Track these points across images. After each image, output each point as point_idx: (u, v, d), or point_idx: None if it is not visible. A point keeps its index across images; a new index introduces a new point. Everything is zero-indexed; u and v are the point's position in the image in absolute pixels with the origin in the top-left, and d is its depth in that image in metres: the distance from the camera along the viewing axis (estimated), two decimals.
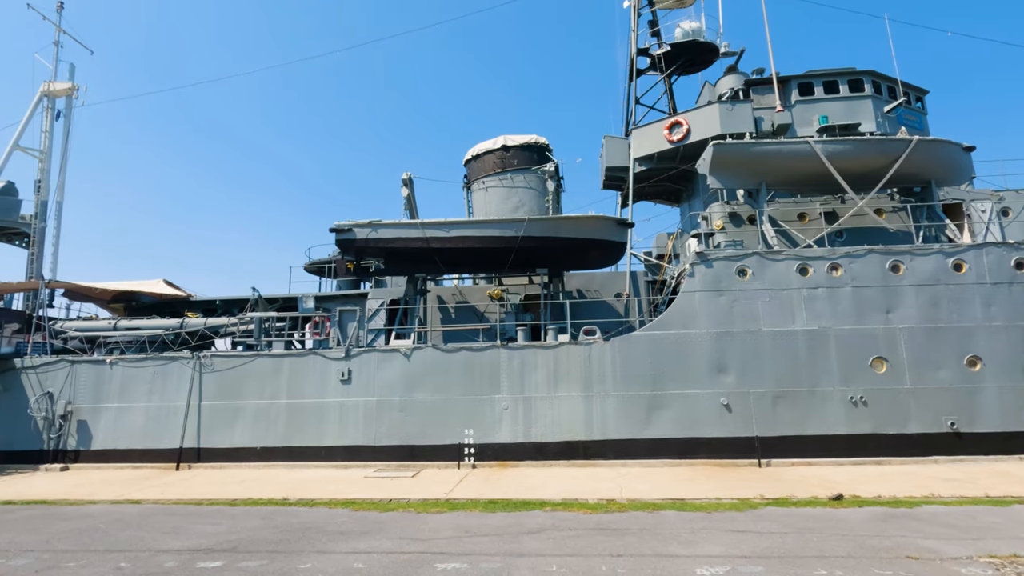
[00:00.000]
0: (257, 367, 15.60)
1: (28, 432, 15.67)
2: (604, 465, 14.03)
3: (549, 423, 14.57)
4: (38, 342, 16.78)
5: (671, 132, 19.96)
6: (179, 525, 8.65)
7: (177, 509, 10.05)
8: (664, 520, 8.53)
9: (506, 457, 14.45)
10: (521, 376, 14.92)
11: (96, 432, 15.60)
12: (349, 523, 8.60)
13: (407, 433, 14.79)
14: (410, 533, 7.86)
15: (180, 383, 15.68)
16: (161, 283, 20.84)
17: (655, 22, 23.92)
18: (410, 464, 14.47)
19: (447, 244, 15.84)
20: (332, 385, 15.30)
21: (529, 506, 9.78)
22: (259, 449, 15.06)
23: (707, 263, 15.14)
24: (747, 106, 19.08)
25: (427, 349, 15.30)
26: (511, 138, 22.05)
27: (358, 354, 15.44)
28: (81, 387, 15.91)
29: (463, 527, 8.19)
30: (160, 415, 15.54)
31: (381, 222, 16.27)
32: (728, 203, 18.01)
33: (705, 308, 14.89)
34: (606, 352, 14.83)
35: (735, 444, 14.09)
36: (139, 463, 15.20)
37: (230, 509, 9.99)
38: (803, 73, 20.10)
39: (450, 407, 14.86)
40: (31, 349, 16.70)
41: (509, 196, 21.45)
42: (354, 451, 14.83)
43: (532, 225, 15.62)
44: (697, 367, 14.58)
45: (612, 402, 14.54)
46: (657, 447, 14.23)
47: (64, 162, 25.53)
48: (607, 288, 18.99)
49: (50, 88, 25.63)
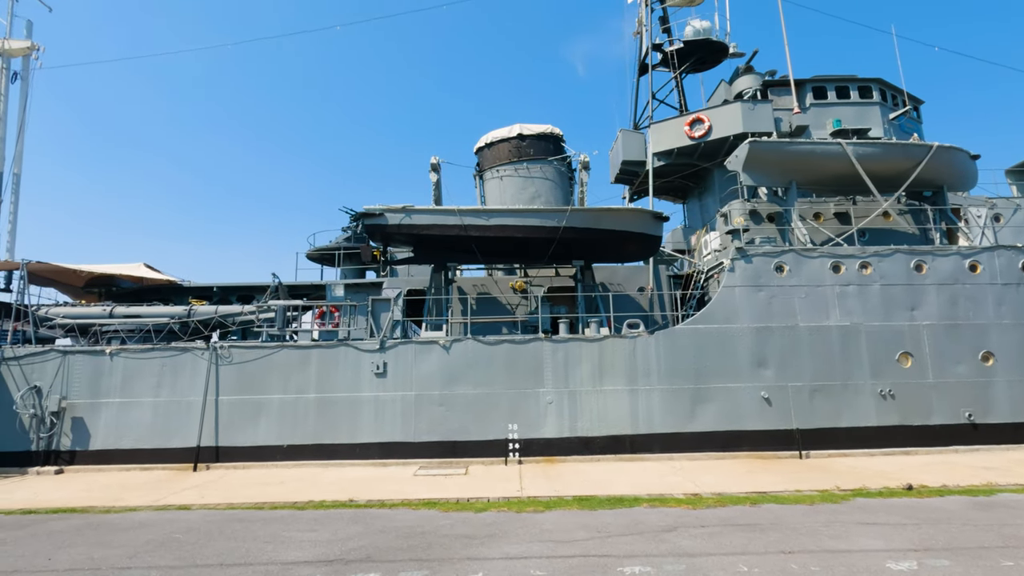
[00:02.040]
0: (282, 359, 14.48)
1: (12, 431, 13.88)
2: (652, 459, 13.97)
3: (595, 417, 14.35)
4: (19, 330, 14.90)
5: (692, 128, 20.13)
6: (270, 533, 7.80)
7: (244, 515, 9.10)
8: (778, 514, 8.48)
9: (552, 452, 14.12)
10: (565, 369, 14.60)
11: (95, 431, 14.03)
12: (459, 526, 8.04)
13: (448, 429, 14.17)
14: (543, 535, 7.41)
15: (194, 376, 14.33)
16: (142, 267, 19.06)
17: (666, 19, 24.05)
18: (453, 461, 13.87)
19: (486, 232, 15.26)
20: (366, 378, 14.43)
21: (623, 503, 9.52)
22: (286, 447, 14.01)
23: (747, 259, 15.33)
24: (768, 106, 19.50)
25: (467, 341, 14.70)
26: (527, 127, 21.58)
27: (393, 346, 14.64)
28: (75, 380, 14.25)
29: (589, 526, 7.82)
30: (171, 411, 14.16)
31: (414, 207, 15.48)
32: (749, 200, 18.34)
33: (745, 303, 15.09)
34: (650, 346, 14.75)
35: (775, 437, 14.38)
36: (147, 464, 13.78)
37: (303, 513, 9.16)
38: (812, 77, 20.75)
39: (493, 401, 14.36)
40: (11, 338, 14.81)
41: (525, 186, 21.01)
42: (391, 448, 14.06)
43: (574, 216, 15.30)
44: (738, 361, 14.76)
45: (657, 396, 14.49)
46: (701, 440, 14.30)
47: (22, 130, 22.92)
48: (630, 282, 18.93)
49: (5, 46, 22.89)
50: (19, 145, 22.73)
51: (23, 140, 22.82)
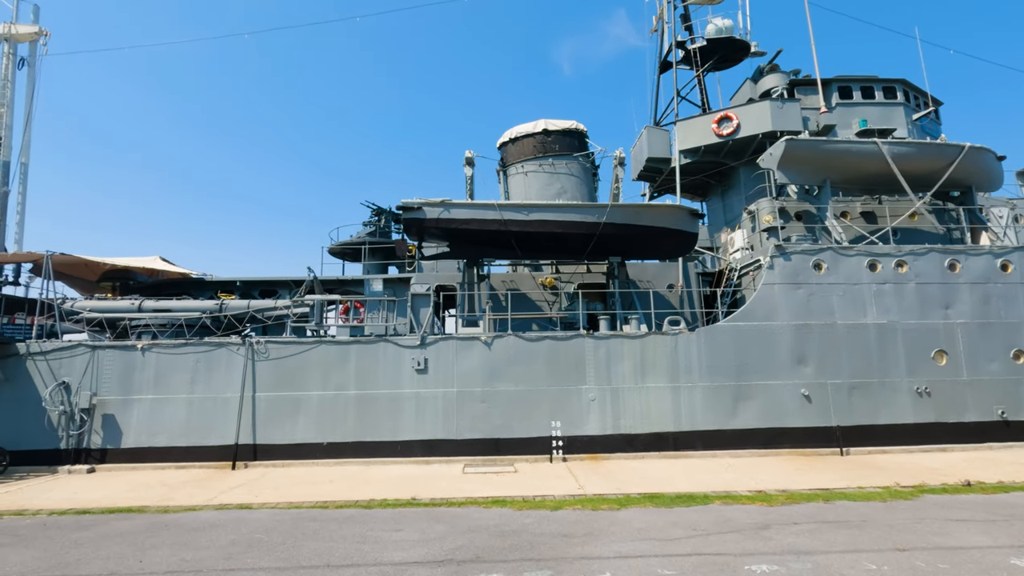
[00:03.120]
0: (320, 355, 14.17)
1: (41, 429, 13.40)
2: (696, 456, 13.93)
3: (638, 414, 14.27)
4: (40, 325, 14.38)
5: (720, 126, 20.13)
6: (355, 533, 7.57)
7: (314, 514, 8.84)
8: (859, 511, 8.46)
9: (595, 450, 14.01)
10: (607, 366, 14.50)
11: (127, 428, 13.60)
12: (546, 524, 7.89)
13: (491, 426, 13.99)
14: (641, 534, 7.28)
15: (229, 372, 13.96)
16: (158, 260, 18.58)
17: (687, 17, 24.02)
18: (497, 459, 13.69)
19: (526, 227, 15.08)
20: (407, 375, 14.18)
21: (695, 500, 9.44)
22: (326, 445, 13.71)
23: (785, 256, 15.35)
24: (796, 105, 19.57)
25: (508, 337, 14.52)
26: (552, 122, 21.41)
27: (434, 342, 14.40)
28: (106, 376, 13.80)
29: (680, 524, 7.72)
30: (206, 408, 13.78)
31: (453, 201, 15.24)
32: (777, 198, 18.39)
33: (784, 300, 15.12)
34: (691, 343, 14.71)
35: (816, 434, 14.43)
36: (182, 462, 13.40)
37: (375, 512, 8.92)
38: (837, 77, 20.88)
39: (535, 398, 14.21)
40: (36, 332, 14.29)
41: (551, 182, 20.84)
42: (433, 445, 13.84)
43: (614, 211, 15.18)
44: (779, 358, 14.79)
45: (699, 393, 14.46)
46: (743, 437, 14.31)
47: (29, 118, 22.21)
48: (659, 279, 18.88)
49: (12, 31, 22.14)
50: (26, 134, 22.02)
51: (31, 129, 22.11)
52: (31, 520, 8.76)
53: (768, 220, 17.91)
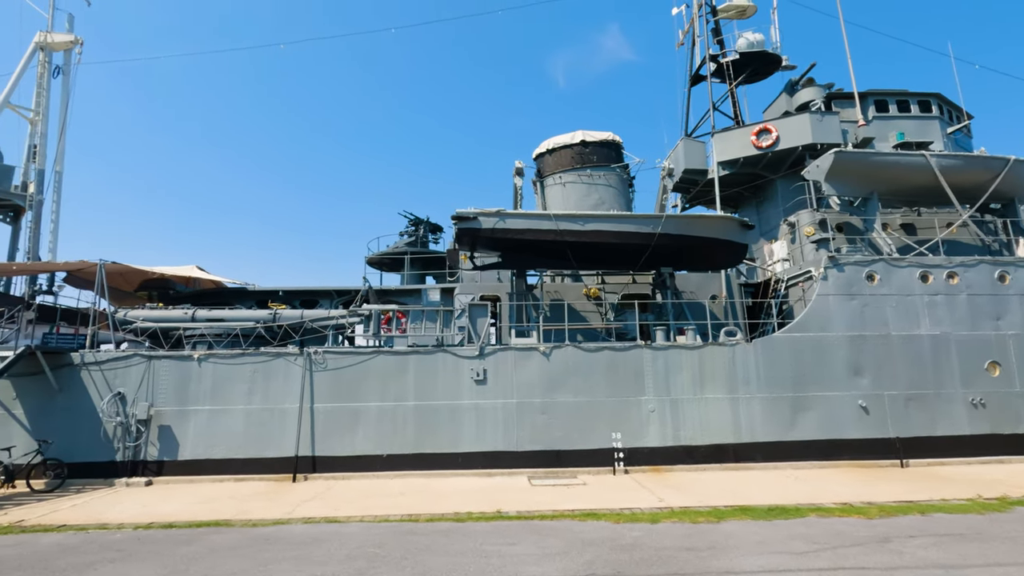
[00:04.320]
0: (378, 365, 14.03)
1: (96, 440, 13.15)
2: (758, 468, 13.84)
3: (697, 426, 14.19)
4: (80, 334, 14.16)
5: (759, 138, 20.28)
6: (470, 547, 7.42)
7: (410, 528, 8.68)
8: (968, 523, 8.40)
9: (656, 461, 13.90)
10: (666, 377, 14.44)
11: (184, 439, 13.37)
12: (659, 538, 7.77)
13: (552, 437, 13.86)
14: (765, 547, 7.18)
15: (287, 382, 13.79)
16: (194, 269, 18.47)
17: (718, 31, 24.30)
18: (559, 471, 13.55)
19: (581, 238, 15.06)
20: (466, 386, 14.06)
21: (787, 512, 9.35)
22: (385, 457, 13.53)
23: (839, 267, 15.40)
24: (835, 118, 19.77)
25: (567, 348, 14.45)
26: (589, 134, 21.53)
27: (492, 352, 14.30)
28: (162, 387, 13.60)
29: (796, 536, 7.62)
30: (264, 419, 13.58)
31: (508, 211, 15.21)
32: (818, 210, 18.49)
33: (839, 311, 15.14)
34: (749, 354, 14.69)
35: (874, 445, 14.38)
36: (240, 475, 13.17)
37: (473, 526, 8.77)
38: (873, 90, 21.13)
39: (595, 409, 14.10)
40: (90, 342, 14.08)
41: (589, 193, 20.91)
42: (494, 457, 13.68)
43: (669, 222, 15.19)
44: (835, 369, 14.77)
45: (758, 404, 14.40)
46: (802, 449, 14.23)
47: (64, 127, 22.15)
48: (702, 290, 18.85)
49: (47, 40, 22.15)
50: (61, 142, 21.95)
51: (64, 137, 22.02)
52: (121, 534, 8.56)
53: (810, 232, 18.01)
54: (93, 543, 8.06)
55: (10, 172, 20.69)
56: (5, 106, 20.88)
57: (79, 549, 7.75)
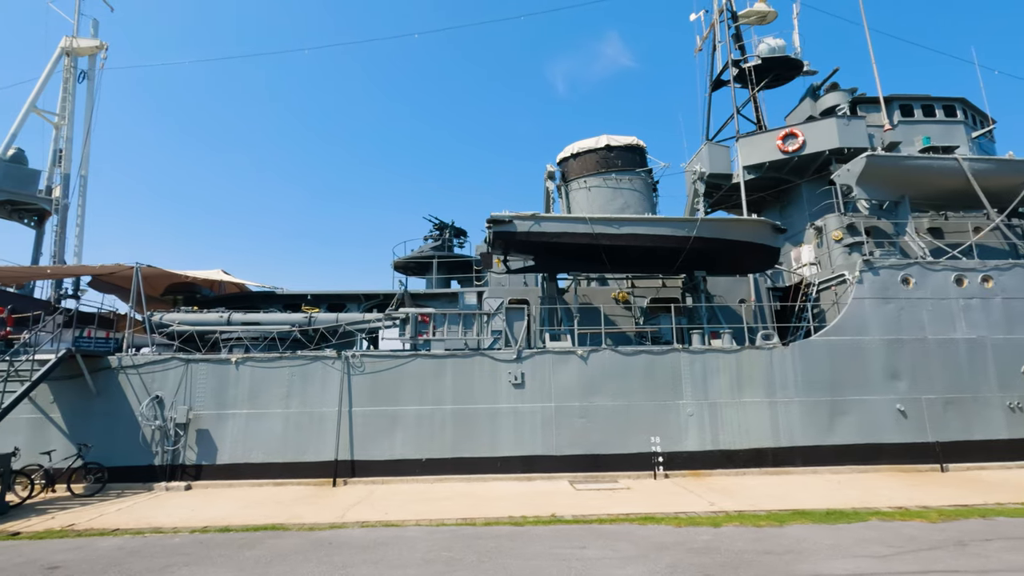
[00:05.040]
0: (416, 369, 13.96)
1: (135, 444, 13.06)
2: (797, 472, 13.76)
3: (736, 430, 14.11)
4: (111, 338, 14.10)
5: (785, 143, 20.31)
6: (541, 550, 7.34)
7: (472, 532, 8.60)
8: None
9: (695, 466, 13.81)
10: (704, 381, 14.38)
11: (222, 444, 13.28)
12: (731, 541, 7.69)
13: (591, 442, 13.78)
14: (843, 551, 7.10)
15: (325, 386, 13.72)
16: (220, 272, 18.43)
17: (739, 36, 24.40)
18: (598, 475, 13.46)
19: (616, 241, 15.02)
20: (504, 389, 13.99)
21: (846, 516, 9.27)
22: (424, 461, 13.44)
23: (874, 271, 15.38)
24: (862, 122, 19.80)
25: (604, 351, 14.39)
26: (614, 138, 21.56)
27: (530, 356, 14.24)
28: (199, 390, 13.52)
29: (871, 540, 7.55)
30: (302, 423, 13.50)
31: (543, 215, 15.20)
32: (846, 214, 18.48)
33: (875, 315, 15.10)
34: (786, 357, 14.63)
35: (913, 449, 14.30)
36: (279, 479, 13.07)
37: (532, 530, 8.69)
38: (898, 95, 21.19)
39: (633, 413, 14.03)
40: (126, 345, 14.02)
41: (614, 197, 20.92)
42: (532, 461, 13.60)
43: (704, 226, 15.17)
44: (872, 373, 14.72)
45: (796, 408, 14.33)
46: (841, 453, 14.15)
47: (89, 131, 22.15)
48: (730, 294, 18.80)
49: (73, 45, 22.19)
50: (86, 147, 21.96)
51: (89, 142, 22.04)
52: (180, 538, 8.47)
53: (838, 236, 18.02)
54: (154, 547, 7.98)
55: (36, 176, 20.68)
56: (31, 110, 20.90)
57: (141, 552, 7.66)
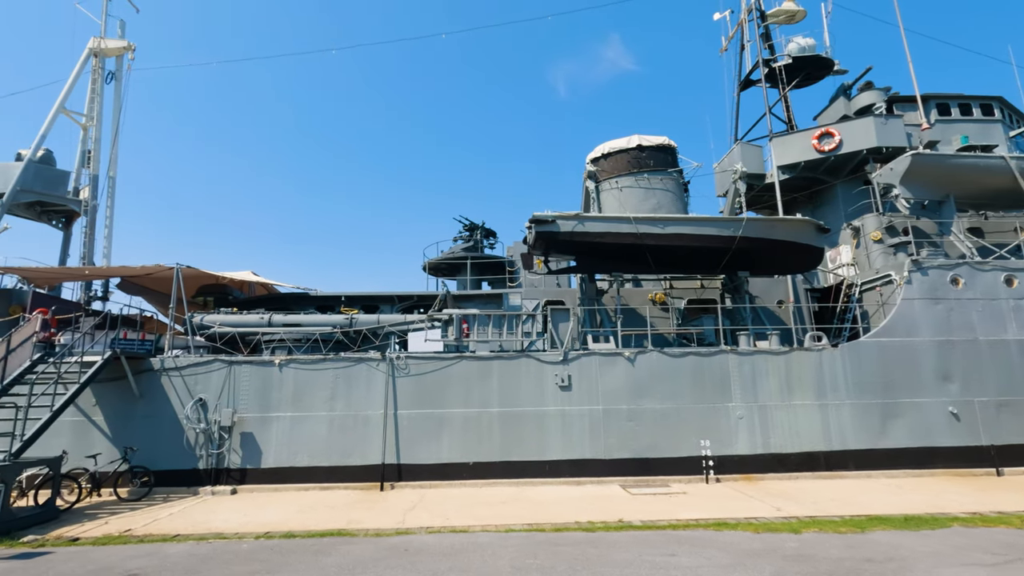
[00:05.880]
0: (461, 370, 13.74)
1: (179, 447, 12.86)
2: (851, 476, 13.48)
3: (787, 433, 13.84)
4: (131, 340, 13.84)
5: (820, 142, 20.07)
6: (630, 558, 7.10)
7: (543, 538, 8.35)
8: None
9: (746, 470, 13.54)
10: (753, 383, 14.12)
11: (266, 447, 13.07)
12: (825, 548, 7.44)
13: (640, 445, 13.53)
14: (951, 558, 6.85)
15: (370, 388, 13.50)
16: (250, 274, 18.28)
17: (768, 36, 24.20)
18: (649, 478, 13.20)
19: (660, 241, 14.81)
20: (550, 392, 13.75)
21: (925, 523, 9.01)
22: (472, 464, 13.20)
23: (923, 271, 15.12)
24: (899, 121, 19.57)
25: (651, 353, 14.14)
26: (645, 138, 21.32)
27: (576, 357, 14.01)
28: (243, 393, 13.32)
29: (974, 547, 7.29)
30: (347, 426, 13.28)
31: (586, 215, 15.00)
32: (884, 214, 18.24)
33: (925, 316, 14.83)
34: (836, 359, 14.37)
35: (967, 453, 14.00)
36: (325, 483, 12.84)
37: (605, 536, 8.44)
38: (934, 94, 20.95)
39: (683, 416, 13.78)
40: (168, 347, 13.84)
41: (647, 197, 20.67)
42: (580, 465, 13.35)
43: (750, 225, 14.96)
44: (924, 375, 14.44)
45: (847, 411, 14.06)
46: (894, 457, 13.86)
47: (117, 132, 22.06)
48: (767, 294, 18.56)
49: (100, 46, 22.11)
50: (114, 148, 21.86)
51: (117, 143, 21.93)
52: (247, 544, 8.25)
53: (876, 236, 17.80)
54: (226, 553, 7.76)
55: (65, 177, 20.58)
56: (60, 111, 20.81)
57: (216, 559, 7.44)
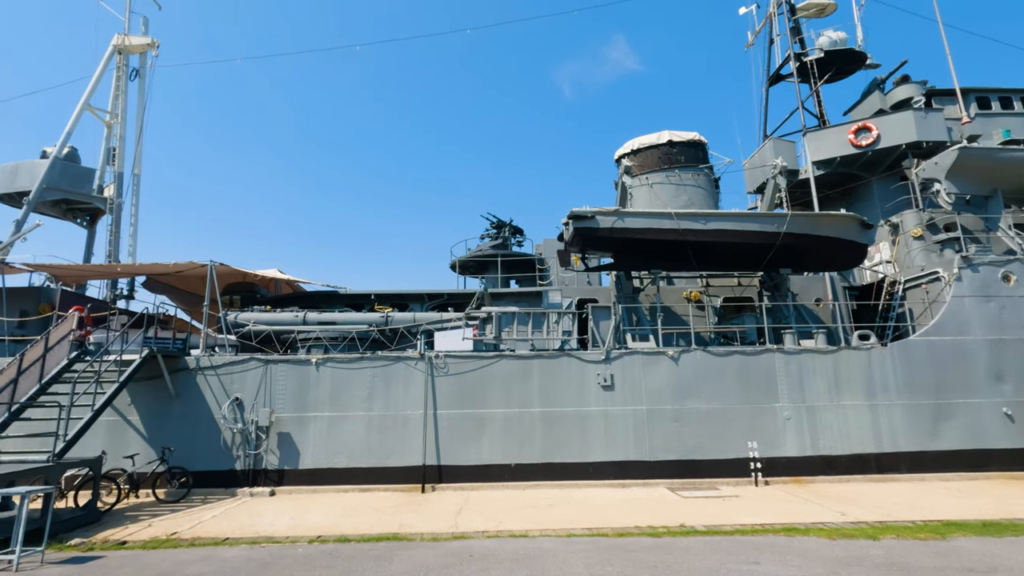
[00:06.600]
0: (501, 370, 13.42)
1: (216, 448, 12.61)
2: (904, 479, 13.05)
3: (836, 434, 13.44)
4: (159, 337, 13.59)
5: (857, 137, 19.62)
6: (713, 565, 6.75)
7: (607, 542, 8.01)
8: None
9: (795, 472, 13.14)
10: (800, 383, 13.72)
11: (304, 448, 12.80)
12: (919, 557, 7.06)
13: (685, 446, 13.16)
14: None
15: (408, 388, 13.21)
16: (276, 272, 18.03)
17: (798, 30, 23.75)
18: (696, 481, 12.82)
19: (702, 237, 14.44)
20: (592, 391, 13.41)
21: (1008, 529, 8.62)
22: (513, 466, 12.88)
23: (973, 268, 14.67)
24: (939, 115, 19.09)
25: (696, 352, 13.77)
26: (676, 134, 21.01)
27: (618, 357, 13.66)
28: (279, 392, 13.06)
29: None
30: (386, 426, 12.99)
31: (626, 210, 14.66)
32: (925, 210, 17.79)
33: (976, 314, 14.38)
34: (886, 358, 13.95)
35: (1023, 455, 13.55)
36: (364, 484, 12.55)
37: (676, 541, 8.09)
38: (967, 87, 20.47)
39: (728, 417, 13.40)
40: (203, 345, 13.60)
41: (678, 194, 20.34)
42: (624, 467, 13.00)
43: (794, 221, 14.55)
44: (976, 374, 13.99)
45: (898, 411, 13.64)
46: (947, 459, 13.42)
47: (141, 130, 21.88)
48: (805, 293, 18.12)
49: (125, 43, 21.94)
50: (138, 146, 21.69)
51: (142, 141, 21.76)
52: (303, 549, 7.96)
53: (917, 232, 17.37)
54: (284, 557, 7.47)
55: (90, 175, 20.42)
56: (85, 108, 20.66)
57: (276, 565, 7.15)
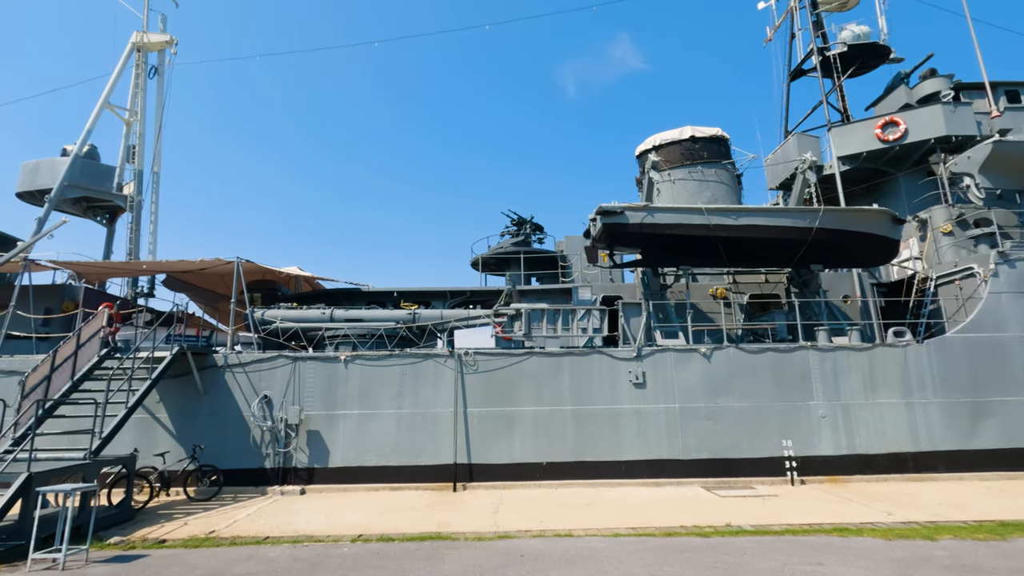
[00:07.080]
0: (531, 367, 13.26)
1: (245, 446, 12.50)
2: (943, 479, 12.82)
3: (872, 433, 13.21)
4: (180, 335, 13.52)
5: (884, 131, 19.33)
6: (776, 567, 6.57)
7: (657, 543, 7.84)
8: None
9: (830, 471, 12.93)
10: (835, 380, 13.50)
11: (333, 446, 12.67)
12: (989, 559, 6.87)
13: (719, 445, 12.96)
14: None
15: (437, 385, 13.06)
16: (296, 270, 17.92)
17: (821, 24, 23.48)
18: (731, 480, 12.63)
19: (733, 233, 14.22)
20: (624, 389, 13.22)
21: None
22: (545, 465, 12.72)
23: (1010, 263, 14.39)
24: (968, 109, 18.79)
25: (728, 349, 13.57)
26: (698, 129, 20.75)
27: (650, 354, 13.47)
28: (308, 390, 12.94)
29: None
30: (416, 424, 12.85)
31: (656, 206, 14.46)
32: (954, 206, 17.53)
33: (1014, 310, 14.10)
34: (922, 355, 13.70)
35: None
36: (394, 483, 12.42)
37: (728, 541, 7.90)
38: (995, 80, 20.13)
39: (762, 415, 13.19)
40: (230, 343, 13.50)
41: (701, 190, 20.10)
42: (657, 466, 12.81)
43: (826, 216, 14.31)
44: (1014, 372, 13.71)
45: (935, 409, 13.39)
46: (986, 459, 13.17)
47: (160, 127, 21.81)
48: (832, 289, 17.83)
49: (143, 40, 21.88)
50: (158, 143, 21.64)
51: (161, 138, 21.70)
52: (348, 548, 7.82)
53: (946, 228, 17.12)
54: (332, 557, 7.33)
55: (110, 173, 20.38)
56: (105, 106, 20.61)
57: (325, 565, 7.01)
